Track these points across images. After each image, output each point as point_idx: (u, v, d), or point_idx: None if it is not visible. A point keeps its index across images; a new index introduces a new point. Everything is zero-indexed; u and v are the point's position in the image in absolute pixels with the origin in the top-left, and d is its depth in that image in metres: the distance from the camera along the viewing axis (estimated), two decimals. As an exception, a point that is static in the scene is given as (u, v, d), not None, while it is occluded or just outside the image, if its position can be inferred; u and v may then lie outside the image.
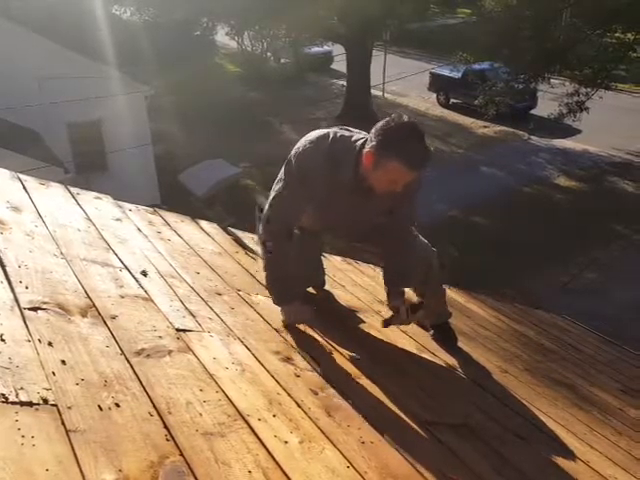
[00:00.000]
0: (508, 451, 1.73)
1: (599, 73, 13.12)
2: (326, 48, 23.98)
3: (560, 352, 3.32)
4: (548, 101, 15.28)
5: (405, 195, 2.01)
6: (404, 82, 19.97)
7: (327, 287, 2.66)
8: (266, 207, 2.11)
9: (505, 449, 1.74)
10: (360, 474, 1.35)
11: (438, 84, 20.49)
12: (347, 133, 2.03)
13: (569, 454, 1.90)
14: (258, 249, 2.55)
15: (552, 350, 3.30)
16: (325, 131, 2.05)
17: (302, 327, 2.08)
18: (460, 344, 2.52)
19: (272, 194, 2.10)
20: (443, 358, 2.33)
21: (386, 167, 1.86)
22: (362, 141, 1.96)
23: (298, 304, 2.09)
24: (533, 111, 17.91)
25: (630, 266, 10.64)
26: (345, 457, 1.40)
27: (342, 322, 2.38)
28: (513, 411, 2.05)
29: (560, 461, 1.83)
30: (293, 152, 2.04)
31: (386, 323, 2.21)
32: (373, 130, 1.90)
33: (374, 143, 1.87)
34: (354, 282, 3.01)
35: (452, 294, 3.33)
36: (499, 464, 1.63)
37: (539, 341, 3.39)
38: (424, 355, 2.31)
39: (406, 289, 2.25)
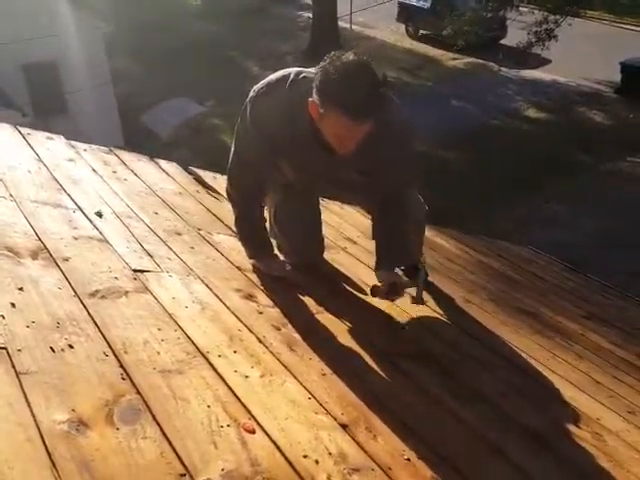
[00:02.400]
0: (467, 376, 1.77)
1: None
2: (291, -22, 23.11)
3: (524, 282, 3.38)
4: (517, 30, 15.03)
5: (380, 160, 1.76)
6: (372, 13, 19.45)
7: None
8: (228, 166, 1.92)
9: (464, 374, 1.78)
10: (321, 404, 1.37)
11: (407, 14, 19.96)
12: (310, 75, 1.68)
13: (529, 378, 1.95)
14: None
15: (517, 280, 3.35)
16: (285, 72, 1.75)
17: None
18: (425, 277, 2.53)
19: (232, 148, 1.90)
20: (407, 290, 2.35)
21: (328, 118, 1.59)
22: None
23: (270, 260, 2.02)
24: (503, 41, 17.66)
25: (595, 197, 10.82)
26: (306, 388, 1.41)
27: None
28: (474, 339, 2.09)
29: (520, 385, 1.88)
30: (249, 97, 1.78)
31: (374, 293, 2.00)
32: (316, 70, 1.61)
33: (314, 89, 1.58)
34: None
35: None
36: (457, 388, 1.66)
37: (504, 272, 3.44)
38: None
39: None
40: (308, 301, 1.92)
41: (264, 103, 1.73)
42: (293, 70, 1.76)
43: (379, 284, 1.99)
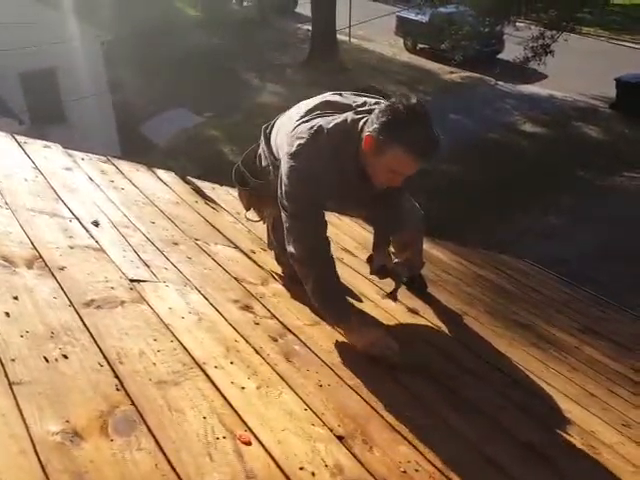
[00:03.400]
0: (463, 388, 1.76)
1: (564, 15, 13.04)
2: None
3: (521, 295, 3.38)
4: (514, 45, 15.15)
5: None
6: (370, 26, 19.58)
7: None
8: (285, 243, 1.81)
9: (460, 386, 1.77)
10: (317, 416, 1.36)
11: (405, 28, 20.11)
12: (337, 121, 1.73)
13: (525, 391, 1.94)
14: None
15: (513, 293, 3.35)
16: (312, 125, 1.73)
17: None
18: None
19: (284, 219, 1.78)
20: (404, 302, 2.34)
21: (387, 154, 1.64)
22: (362, 122, 1.71)
23: (364, 329, 1.79)
24: (500, 56, 17.79)
25: (592, 211, 10.85)
26: (302, 400, 1.40)
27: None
28: (470, 351, 2.08)
29: (515, 397, 1.87)
30: (285, 163, 1.73)
31: (393, 297, 2.05)
32: (376, 110, 1.67)
33: (376, 126, 1.63)
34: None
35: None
36: (453, 400, 1.65)
37: (500, 284, 3.44)
38: (386, 300, 2.31)
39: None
40: (305, 312, 1.91)
41: (307, 159, 1.70)
42: (317, 121, 1.75)
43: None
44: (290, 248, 1.76)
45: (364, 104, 1.82)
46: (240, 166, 2.13)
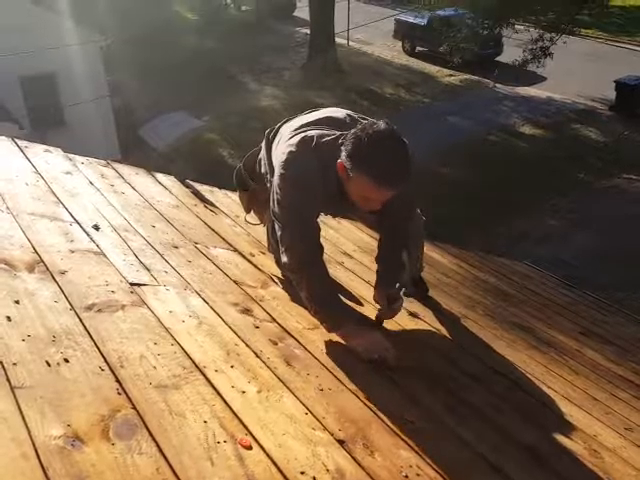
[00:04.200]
0: (464, 392, 1.76)
1: (563, 18, 13.07)
2: (288, -6, 23.35)
3: (520, 297, 3.38)
4: (513, 48, 15.19)
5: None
6: (369, 30, 19.63)
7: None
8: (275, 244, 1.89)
9: (461, 390, 1.77)
10: (318, 420, 1.36)
11: (403, 31, 20.17)
12: (328, 138, 1.74)
13: (526, 394, 1.94)
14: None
15: (512, 295, 3.35)
16: (303, 136, 1.76)
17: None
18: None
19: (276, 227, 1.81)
20: (404, 306, 2.34)
21: (356, 181, 1.64)
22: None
23: (361, 330, 1.79)
24: (499, 58, 17.82)
25: (591, 213, 10.86)
26: (303, 404, 1.40)
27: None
28: (472, 355, 2.08)
29: (516, 401, 1.87)
30: (276, 173, 1.76)
31: (379, 320, 1.98)
32: (348, 136, 1.66)
33: (344, 153, 1.64)
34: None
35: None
36: (457, 407, 1.65)
37: (500, 287, 3.44)
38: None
39: None
40: (305, 315, 1.91)
41: (297, 167, 1.72)
42: (309, 134, 1.77)
43: (380, 309, 1.99)
44: (283, 257, 1.77)
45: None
46: (241, 168, 2.14)
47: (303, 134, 1.77)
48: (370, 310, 2.15)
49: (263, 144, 2.03)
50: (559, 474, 1.51)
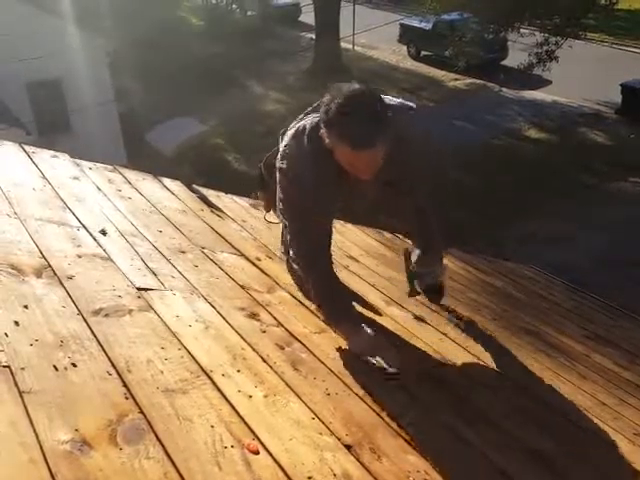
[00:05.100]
0: (471, 397, 1.76)
1: (568, 21, 13.05)
2: (294, -1, 23.41)
3: (527, 301, 3.37)
4: (518, 52, 15.17)
5: (405, 171, 1.81)
6: (374, 34, 19.63)
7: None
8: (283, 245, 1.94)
9: (468, 395, 1.76)
10: (325, 424, 1.36)
11: (408, 35, 20.18)
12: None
13: (533, 399, 1.93)
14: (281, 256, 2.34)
15: (519, 299, 3.34)
16: (297, 127, 1.77)
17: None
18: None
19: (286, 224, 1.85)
20: (410, 310, 2.34)
21: (337, 150, 1.62)
22: None
23: (360, 332, 1.75)
24: (504, 62, 17.81)
25: (596, 216, 10.82)
26: (310, 409, 1.40)
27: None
28: (478, 359, 2.08)
29: (524, 406, 1.86)
30: (277, 168, 1.78)
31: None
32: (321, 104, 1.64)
33: (321, 123, 1.62)
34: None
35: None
36: (465, 412, 1.64)
37: (507, 291, 3.43)
38: (391, 308, 2.31)
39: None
40: (312, 320, 1.91)
41: (292, 159, 1.74)
42: (302, 123, 1.77)
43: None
44: (291, 252, 1.83)
45: None
46: (261, 168, 2.15)
47: (297, 125, 1.79)
48: (375, 314, 2.15)
49: (279, 143, 2.02)
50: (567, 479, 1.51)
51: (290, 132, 1.81)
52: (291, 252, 1.82)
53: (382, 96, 1.69)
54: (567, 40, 13.31)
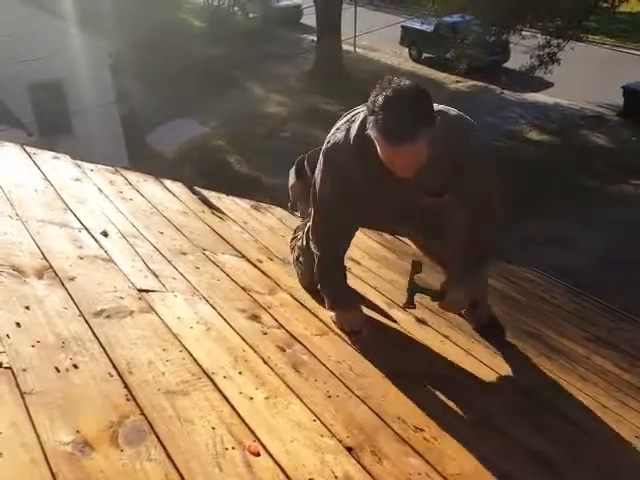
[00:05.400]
0: (473, 400, 1.75)
1: (570, 24, 13.06)
2: (295, 1, 23.40)
3: (528, 303, 3.36)
4: (520, 54, 15.18)
5: (456, 173, 1.73)
6: (375, 36, 19.64)
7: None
8: (303, 231, 2.03)
9: (470, 398, 1.76)
10: (326, 427, 1.35)
11: (410, 38, 20.18)
12: None
13: (535, 402, 1.93)
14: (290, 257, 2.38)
15: (521, 302, 3.34)
16: (349, 115, 1.78)
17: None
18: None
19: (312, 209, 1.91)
20: (412, 312, 2.34)
21: (377, 143, 1.59)
22: None
23: (350, 313, 1.94)
24: (506, 64, 17.81)
25: (597, 218, 10.81)
26: (311, 411, 1.40)
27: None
28: (481, 362, 2.07)
29: (525, 408, 1.86)
30: (322, 149, 1.80)
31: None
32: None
33: (367, 112, 1.60)
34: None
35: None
36: (463, 412, 1.64)
37: (508, 293, 3.42)
38: (393, 310, 2.31)
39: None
40: (313, 322, 1.91)
41: (335, 150, 1.76)
42: (356, 116, 1.75)
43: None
44: (311, 232, 1.98)
45: None
46: (305, 158, 2.15)
47: (350, 118, 1.79)
48: (378, 316, 2.15)
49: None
50: (569, 482, 1.50)
51: (344, 118, 1.81)
52: (312, 234, 1.95)
53: (442, 107, 1.71)
54: (569, 42, 13.31)
